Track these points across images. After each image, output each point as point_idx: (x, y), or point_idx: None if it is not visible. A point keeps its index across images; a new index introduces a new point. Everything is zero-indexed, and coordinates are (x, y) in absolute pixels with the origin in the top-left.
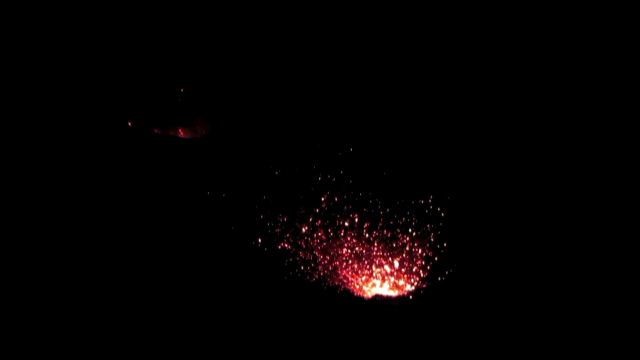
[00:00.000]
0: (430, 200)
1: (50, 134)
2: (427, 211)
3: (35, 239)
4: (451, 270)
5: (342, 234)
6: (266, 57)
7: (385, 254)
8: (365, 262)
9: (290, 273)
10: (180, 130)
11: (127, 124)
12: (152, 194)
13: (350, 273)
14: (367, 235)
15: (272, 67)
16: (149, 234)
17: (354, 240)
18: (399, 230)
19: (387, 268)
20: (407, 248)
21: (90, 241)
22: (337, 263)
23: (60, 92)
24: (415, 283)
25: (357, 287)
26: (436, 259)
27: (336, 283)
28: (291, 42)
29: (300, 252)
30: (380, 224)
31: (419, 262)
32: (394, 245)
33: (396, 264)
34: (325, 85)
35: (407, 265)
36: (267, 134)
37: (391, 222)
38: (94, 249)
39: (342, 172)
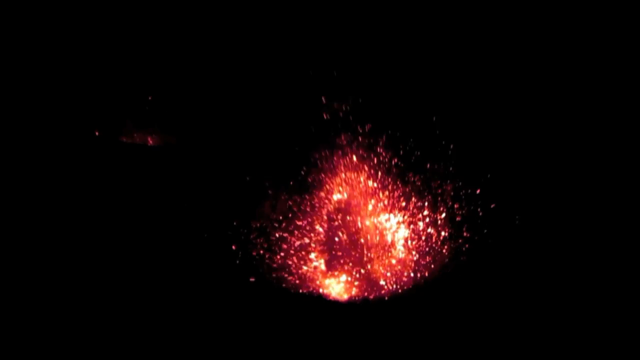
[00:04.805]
0: (422, 196)
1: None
2: (419, 206)
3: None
4: (443, 265)
5: (321, 236)
6: (248, 57)
7: (375, 254)
8: (352, 265)
9: (266, 278)
10: (149, 139)
11: (95, 133)
12: (127, 199)
13: (335, 275)
14: (354, 236)
15: (242, 69)
16: (127, 236)
17: (339, 241)
18: (389, 226)
19: (376, 268)
20: (396, 246)
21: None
22: (319, 266)
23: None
24: (404, 282)
25: (343, 290)
26: (428, 257)
27: (319, 286)
28: (280, 38)
29: (276, 257)
30: (369, 224)
31: (412, 258)
32: (385, 244)
33: (387, 261)
34: (305, 82)
35: (397, 264)
36: (239, 138)
37: (380, 224)
38: (80, 249)
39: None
